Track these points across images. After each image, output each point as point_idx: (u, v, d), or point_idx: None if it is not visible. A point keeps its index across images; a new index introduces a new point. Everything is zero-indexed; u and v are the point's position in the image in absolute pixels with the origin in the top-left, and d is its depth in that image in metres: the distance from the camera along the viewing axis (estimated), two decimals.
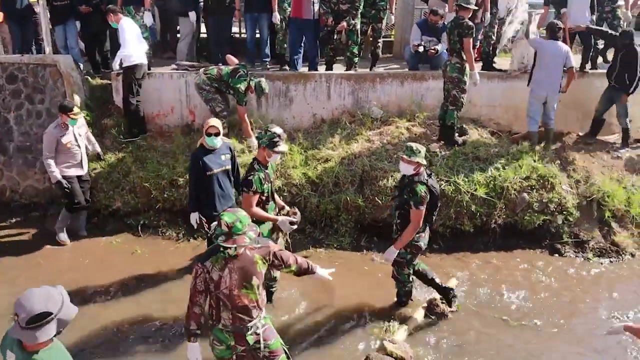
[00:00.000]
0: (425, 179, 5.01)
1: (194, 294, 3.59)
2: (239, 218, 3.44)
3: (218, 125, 5.38)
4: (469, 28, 6.99)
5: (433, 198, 5.07)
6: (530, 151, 7.49)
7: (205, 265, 3.51)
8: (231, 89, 7.16)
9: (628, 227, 7.19)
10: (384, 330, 5.30)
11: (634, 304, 5.91)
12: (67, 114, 6.41)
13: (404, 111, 8.15)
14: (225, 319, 3.59)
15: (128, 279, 6.09)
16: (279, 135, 4.95)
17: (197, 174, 5.44)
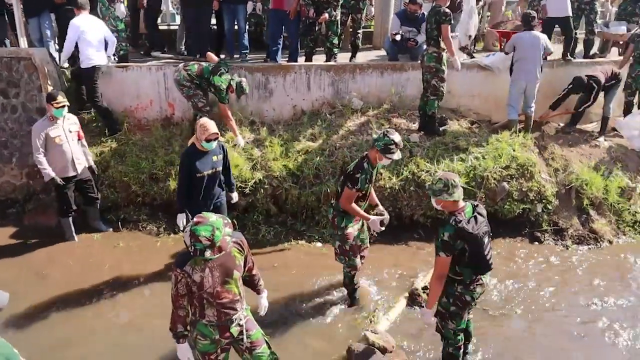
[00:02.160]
0: (458, 220, 3.91)
1: (176, 299, 3.53)
2: (214, 226, 3.30)
3: (216, 129, 5.16)
4: (446, 15, 6.99)
5: (472, 245, 3.94)
6: (509, 140, 7.53)
7: (185, 270, 3.44)
8: (212, 87, 7.06)
9: (606, 215, 7.28)
10: (366, 320, 5.31)
11: (612, 290, 5.99)
12: (51, 103, 6.14)
13: (384, 102, 8.14)
14: (210, 316, 3.57)
15: (109, 274, 6.03)
16: (395, 144, 4.82)
17: (187, 175, 5.25)
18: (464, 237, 3.91)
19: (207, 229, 3.28)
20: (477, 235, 3.90)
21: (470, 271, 4.09)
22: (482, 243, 3.95)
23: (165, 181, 7.05)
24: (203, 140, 5.09)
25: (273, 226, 6.94)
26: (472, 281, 4.13)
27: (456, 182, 3.98)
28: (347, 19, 8.93)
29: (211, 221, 3.32)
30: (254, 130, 7.69)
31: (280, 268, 6.25)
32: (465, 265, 4.04)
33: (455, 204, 4.01)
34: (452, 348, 4.42)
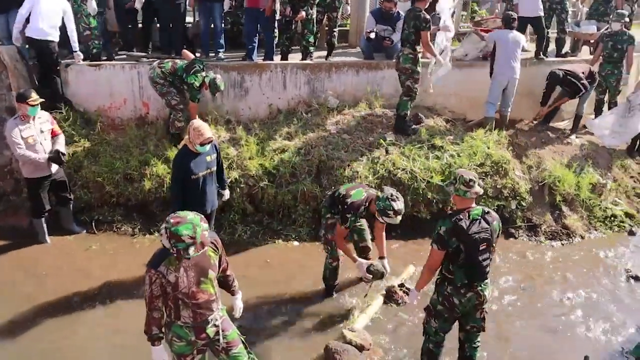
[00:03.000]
0: (458, 218, 3.93)
1: (150, 300, 3.46)
2: (193, 223, 3.29)
3: (211, 133, 5.06)
4: (426, 21, 7.00)
5: (467, 246, 3.94)
6: (484, 138, 7.61)
7: (159, 271, 3.38)
8: (185, 84, 7.01)
9: (578, 211, 7.41)
10: (343, 318, 5.31)
11: (585, 284, 6.10)
12: (25, 101, 5.92)
13: (360, 100, 8.16)
14: (185, 317, 3.52)
15: (84, 276, 5.93)
16: (395, 211, 4.73)
17: (181, 177, 5.10)
18: (459, 235, 3.91)
19: (188, 227, 3.25)
20: (472, 236, 3.89)
21: (463, 274, 4.03)
22: (476, 247, 3.93)
23: (140, 181, 6.96)
24: (197, 144, 4.97)
25: (249, 225, 6.91)
26: (465, 286, 4.06)
27: (467, 180, 3.96)
28: (322, 18, 8.94)
29: (190, 219, 3.30)
30: (230, 129, 7.64)
31: (257, 267, 6.23)
32: (459, 266, 4.01)
33: (462, 201, 4.02)
34: (431, 344, 4.42)
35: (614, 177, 7.96)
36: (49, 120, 6.36)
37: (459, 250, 3.95)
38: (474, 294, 4.09)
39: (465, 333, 4.38)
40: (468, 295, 4.09)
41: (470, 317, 4.26)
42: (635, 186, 8.01)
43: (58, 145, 6.31)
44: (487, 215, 4.00)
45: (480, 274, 4.03)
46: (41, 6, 7.05)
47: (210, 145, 5.10)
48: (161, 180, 6.92)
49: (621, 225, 7.44)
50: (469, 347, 4.41)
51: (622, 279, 6.25)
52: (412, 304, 4.50)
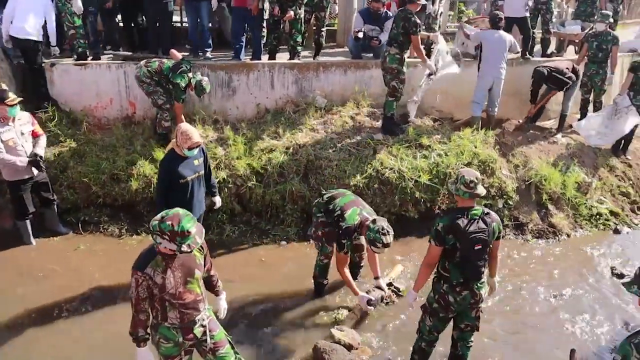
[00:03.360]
0: (456, 215, 4.00)
1: (137, 302, 3.42)
2: (188, 215, 3.37)
3: (199, 137, 4.99)
4: (417, 25, 7.02)
5: (463, 244, 3.99)
6: (471, 137, 7.65)
7: (146, 273, 3.35)
8: (170, 84, 6.98)
9: (564, 209, 7.48)
10: (332, 318, 5.32)
11: (571, 282, 6.16)
12: (3, 103, 5.79)
13: (348, 100, 8.17)
14: (172, 318, 3.50)
15: (70, 278, 5.86)
16: (383, 244, 4.79)
17: (167, 183, 4.99)
18: (455, 233, 3.95)
19: (190, 220, 3.33)
20: (468, 235, 3.94)
21: (459, 273, 4.07)
22: (471, 246, 3.98)
23: (126, 181, 6.90)
24: (185, 148, 4.90)
25: (237, 225, 6.89)
26: (460, 284, 4.10)
27: (468, 182, 3.99)
28: (310, 17, 8.93)
29: (183, 212, 3.37)
30: (218, 129, 7.62)
31: (246, 267, 6.21)
32: (454, 264, 4.05)
33: (462, 201, 4.06)
34: (424, 343, 4.45)
35: (599, 175, 8.04)
36: (29, 121, 6.23)
37: (455, 247, 4.00)
38: (469, 292, 4.13)
39: (459, 331, 4.41)
40: (463, 294, 4.13)
41: (465, 315, 4.29)
42: (620, 184, 8.10)
43: (38, 148, 6.21)
44: (486, 216, 4.04)
45: (475, 273, 4.08)
46: (22, 5, 7.00)
47: (198, 148, 5.04)
48: (148, 181, 6.87)
49: (606, 223, 7.52)
50: (462, 346, 4.45)
51: (607, 276, 6.31)
52: (410, 304, 4.47)
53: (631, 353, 2.87)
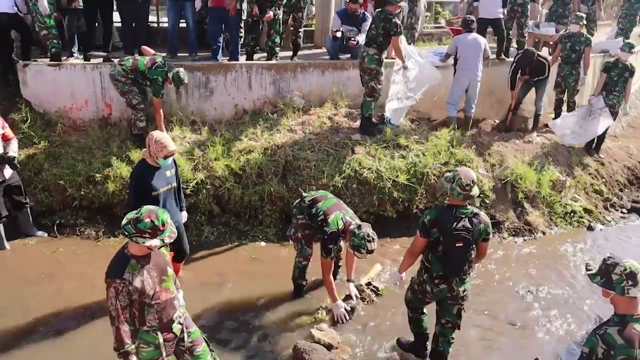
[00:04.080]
0: (444, 211, 4.20)
1: (119, 313, 3.31)
2: (160, 209, 3.39)
3: (174, 145, 4.84)
4: (397, 26, 7.07)
5: (445, 239, 4.15)
6: (448, 137, 7.73)
7: (125, 279, 3.29)
8: (148, 80, 6.91)
9: (539, 207, 7.59)
10: (312, 318, 5.32)
11: (546, 279, 6.26)
12: None
13: (326, 100, 8.19)
14: (151, 320, 3.47)
15: (46, 283, 5.78)
16: (367, 251, 4.79)
17: (139, 195, 4.73)
18: (439, 227, 4.13)
19: (163, 212, 3.35)
20: (451, 232, 4.09)
21: (440, 266, 4.23)
22: (452, 243, 4.12)
23: (103, 183, 6.82)
24: (160, 157, 4.73)
25: (216, 227, 6.86)
26: (439, 277, 4.26)
27: (464, 185, 4.10)
28: (288, 18, 8.94)
29: (153, 206, 3.38)
30: (195, 130, 7.58)
31: (225, 268, 6.19)
32: (437, 257, 4.23)
33: (454, 199, 4.19)
34: (410, 311, 4.73)
35: (573, 174, 8.19)
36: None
37: (438, 241, 4.16)
38: (447, 287, 4.28)
39: (441, 327, 4.54)
40: (441, 287, 4.30)
41: (447, 311, 4.45)
42: (593, 182, 8.26)
43: (10, 151, 6.08)
44: (474, 216, 4.17)
45: (454, 270, 4.23)
46: None
47: (170, 158, 4.88)
48: (125, 182, 6.79)
49: (580, 220, 7.66)
50: (443, 342, 4.58)
51: (582, 273, 6.42)
52: (394, 282, 4.82)
53: (597, 344, 2.95)
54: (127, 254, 3.37)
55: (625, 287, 2.93)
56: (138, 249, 3.35)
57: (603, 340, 2.92)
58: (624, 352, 2.88)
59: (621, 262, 2.99)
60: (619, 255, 3.10)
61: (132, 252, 3.36)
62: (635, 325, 2.92)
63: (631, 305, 2.96)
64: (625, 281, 2.93)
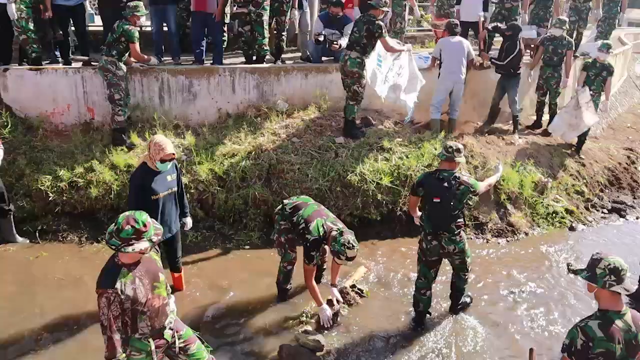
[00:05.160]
0: (430, 173, 5.18)
1: (111, 323, 3.27)
2: (138, 211, 3.38)
3: (173, 149, 4.87)
4: (381, 28, 7.12)
5: (425, 196, 4.99)
6: (431, 139, 7.78)
7: (117, 289, 3.26)
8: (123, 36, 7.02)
9: (522, 208, 7.66)
10: (297, 321, 5.32)
11: (529, 279, 6.31)
12: None
13: (309, 104, 8.21)
14: (143, 327, 3.44)
15: (28, 290, 5.72)
16: (347, 258, 4.85)
17: (140, 198, 4.75)
18: (423, 186, 4.98)
19: (141, 213, 3.36)
20: (431, 188, 4.90)
21: (429, 223, 4.98)
22: (431, 198, 4.90)
23: (86, 189, 6.78)
24: (158, 160, 4.75)
25: (200, 231, 6.83)
26: (430, 234, 4.99)
27: (447, 146, 4.91)
28: (271, 22, 8.94)
29: (128, 212, 3.39)
30: (179, 134, 7.56)
31: (210, 272, 6.17)
32: (426, 215, 5.01)
33: (441, 163, 5.00)
34: (415, 291, 5.32)
35: (555, 175, 8.28)
36: None
37: (424, 198, 5.00)
38: (437, 244, 4.99)
39: (453, 268, 5.35)
40: (433, 243, 5.00)
41: (450, 262, 5.25)
42: (574, 183, 8.35)
43: None
44: (454, 179, 4.86)
45: (436, 224, 4.94)
46: None
47: (171, 163, 4.90)
48: (108, 187, 6.77)
49: (562, 221, 7.73)
50: (458, 280, 5.37)
51: (564, 273, 6.49)
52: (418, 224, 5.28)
53: (577, 335, 3.02)
54: (118, 262, 3.34)
55: (607, 282, 3.00)
56: (128, 257, 3.33)
57: (583, 332, 2.99)
58: (603, 345, 2.95)
59: (606, 258, 3.07)
60: (606, 252, 3.17)
61: (123, 261, 3.34)
62: (617, 321, 2.98)
63: (614, 301, 3.02)
64: (608, 276, 3.00)
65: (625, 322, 2.99)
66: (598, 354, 2.96)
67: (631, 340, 2.97)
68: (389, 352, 5.00)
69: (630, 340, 2.97)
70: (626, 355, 2.96)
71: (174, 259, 5.49)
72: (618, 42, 15.44)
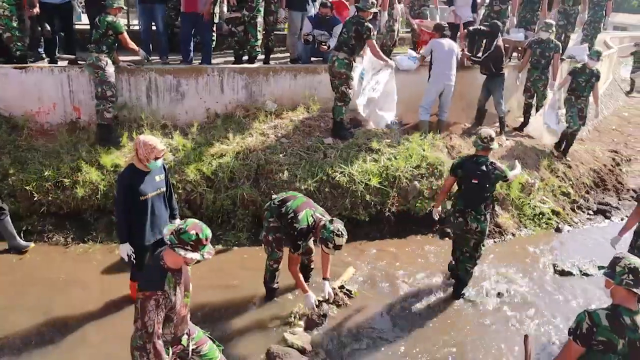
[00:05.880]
0: (468, 157, 5.64)
1: (156, 328, 3.16)
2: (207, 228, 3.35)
3: (163, 145, 4.81)
4: (369, 30, 7.12)
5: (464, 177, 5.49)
6: (420, 140, 7.80)
7: (165, 291, 3.21)
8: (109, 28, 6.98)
9: (509, 210, 7.71)
10: (285, 322, 5.31)
11: (516, 279, 6.35)
12: None
13: (298, 104, 8.20)
14: (166, 334, 3.41)
15: (15, 291, 5.64)
16: (335, 246, 4.84)
17: (129, 199, 4.72)
18: (462, 168, 5.51)
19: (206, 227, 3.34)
20: (469, 171, 5.42)
21: (462, 201, 5.55)
22: (470, 179, 5.42)
23: (72, 189, 6.71)
24: (151, 159, 4.70)
25: None
26: (459, 211, 5.56)
27: (483, 136, 5.43)
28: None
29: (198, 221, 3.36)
30: (166, 134, 7.51)
31: (193, 273, 6.11)
32: (460, 194, 5.62)
33: (477, 151, 5.51)
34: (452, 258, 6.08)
35: (542, 176, 8.34)
36: None
37: (461, 179, 5.51)
38: (463, 220, 5.54)
39: (461, 254, 5.82)
40: (459, 220, 5.57)
41: (466, 244, 5.70)
42: (561, 185, 8.43)
43: None
44: (490, 164, 5.43)
45: (470, 203, 5.49)
46: None
47: (160, 162, 4.85)
48: (94, 187, 6.70)
49: (549, 222, 7.80)
50: (461, 268, 5.84)
51: (550, 273, 6.55)
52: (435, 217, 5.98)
53: (584, 319, 3.09)
54: (164, 266, 3.29)
55: (624, 280, 3.07)
56: (174, 261, 3.29)
57: (589, 317, 3.07)
58: (605, 335, 3.02)
59: (627, 257, 3.16)
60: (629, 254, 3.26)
61: (169, 265, 3.29)
62: (625, 317, 3.04)
63: (628, 298, 3.08)
64: (626, 274, 3.08)
65: (633, 321, 3.04)
66: (599, 342, 3.03)
67: (635, 342, 3.00)
68: (378, 353, 5.00)
69: (635, 341, 3.00)
70: (628, 353, 3.02)
71: None
72: (604, 45, 15.64)
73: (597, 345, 3.04)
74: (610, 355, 3.02)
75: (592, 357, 3.08)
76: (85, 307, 5.35)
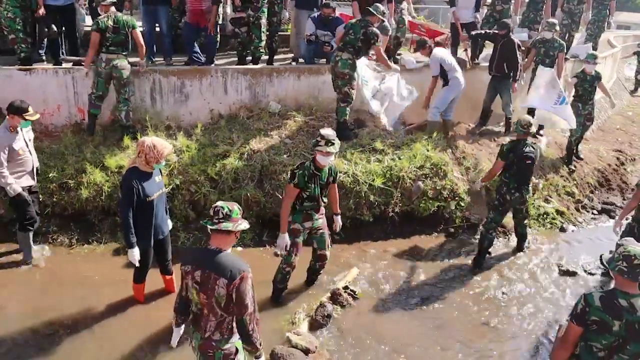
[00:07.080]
0: (516, 141, 6.28)
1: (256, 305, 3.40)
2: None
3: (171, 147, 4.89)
4: (376, 36, 7.17)
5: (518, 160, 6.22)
6: (423, 141, 7.79)
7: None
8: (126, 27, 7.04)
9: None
10: (289, 322, 5.31)
11: (520, 279, 6.35)
12: (21, 115, 5.67)
13: (302, 105, 8.20)
14: None
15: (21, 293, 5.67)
16: (321, 136, 5.04)
17: (133, 201, 4.73)
18: (514, 151, 6.22)
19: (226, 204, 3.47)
20: (522, 153, 6.19)
21: (514, 180, 6.31)
22: (523, 160, 6.21)
23: (76, 190, 6.72)
24: (162, 161, 4.78)
25: (192, 232, 6.80)
26: (514, 188, 6.34)
27: (523, 123, 6.26)
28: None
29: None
30: (170, 135, 7.52)
31: None
32: (511, 174, 6.30)
33: (518, 136, 6.34)
34: (484, 229, 6.67)
35: (546, 176, 8.33)
36: (30, 128, 6.12)
37: (513, 162, 6.22)
38: (519, 194, 6.36)
39: (517, 220, 6.78)
40: (516, 195, 6.36)
41: (520, 213, 6.65)
42: (565, 185, 8.41)
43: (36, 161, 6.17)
44: (533, 145, 6.33)
45: (525, 180, 6.35)
46: None
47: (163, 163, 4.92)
48: (99, 189, 6.72)
49: (553, 222, 7.79)
50: (520, 226, 6.83)
51: (555, 274, 6.54)
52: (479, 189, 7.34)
53: (580, 300, 3.18)
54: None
55: (617, 266, 3.13)
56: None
57: (584, 299, 3.16)
58: (597, 315, 3.09)
59: (626, 246, 3.20)
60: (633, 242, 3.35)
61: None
62: (621, 300, 3.09)
63: (625, 283, 3.12)
64: (620, 261, 3.14)
65: (631, 303, 3.08)
66: (593, 322, 3.11)
67: (634, 324, 3.05)
68: (382, 353, 5.00)
69: (634, 323, 3.05)
70: (626, 335, 3.06)
71: (164, 261, 5.47)
72: (607, 44, 15.59)
73: (591, 325, 3.12)
74: (606, 335, 3.10)
75: (589, 337, 3.16)
76: (90, 307, 5.38)
